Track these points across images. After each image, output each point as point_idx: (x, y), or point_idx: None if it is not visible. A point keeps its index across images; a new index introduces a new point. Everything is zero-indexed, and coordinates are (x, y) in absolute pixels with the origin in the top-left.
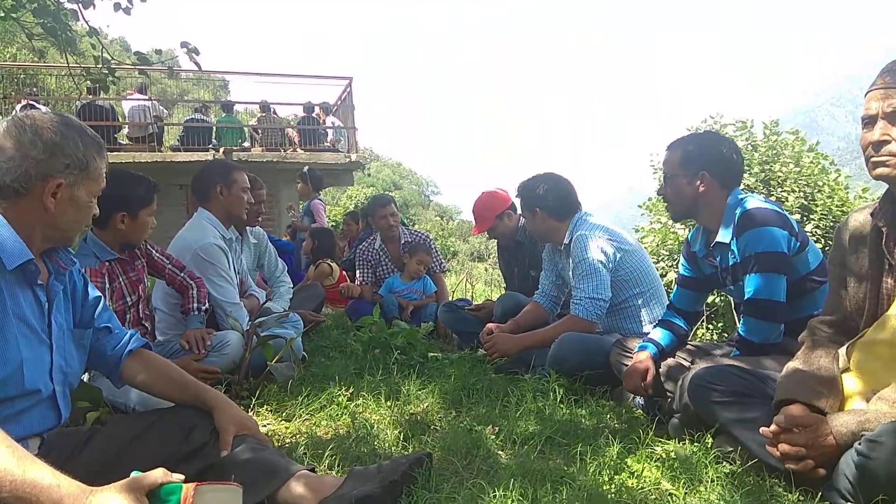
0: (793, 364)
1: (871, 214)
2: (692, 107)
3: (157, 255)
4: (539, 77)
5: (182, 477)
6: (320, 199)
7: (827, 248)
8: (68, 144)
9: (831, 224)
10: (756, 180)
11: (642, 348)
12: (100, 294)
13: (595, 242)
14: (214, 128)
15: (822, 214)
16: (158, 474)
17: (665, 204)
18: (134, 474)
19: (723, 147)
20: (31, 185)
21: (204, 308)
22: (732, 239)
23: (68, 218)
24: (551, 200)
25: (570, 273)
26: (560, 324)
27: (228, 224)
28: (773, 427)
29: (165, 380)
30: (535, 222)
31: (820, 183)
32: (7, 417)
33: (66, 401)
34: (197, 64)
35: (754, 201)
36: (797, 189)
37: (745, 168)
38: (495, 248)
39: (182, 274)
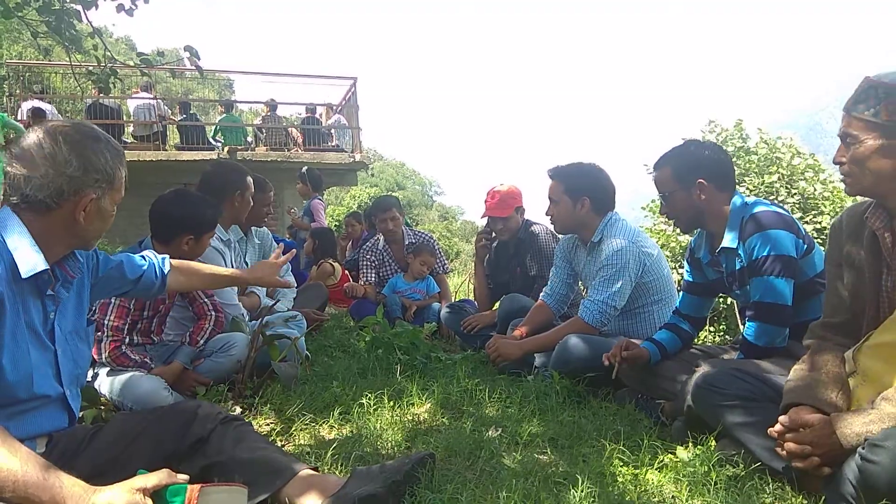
0: (799, 367)
1: (865, 217)
2: (692, 107)
3: None
4: (539, 75)
5: (187, 477)
6: (320, 199)
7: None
8: (99, 159)
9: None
10: (753, 185)
11: (643, 348)
12: (120, 258)
13: (628, 249)
14: (214, 126)
15: (814, 214)
16: (163, 475)
17: (671, 221)
18: (139, 473)
19: (707, 151)
20: (63, 200)
21: (201, 348)
22: (739, 243)
23: (94, 228)
24: (599, 192)
25: (591, 270)
26: (564, 327)
27: (229, 226)
28: (778, 427)
29: (199, 277)
30: (575, 211)
31: (815, 187)
32: (16, 415)
33: (77, 402)
34: (198, 67)
35: (760, 205)
36: (796, 192)
37: (742, 175)
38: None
39: (206, 299)
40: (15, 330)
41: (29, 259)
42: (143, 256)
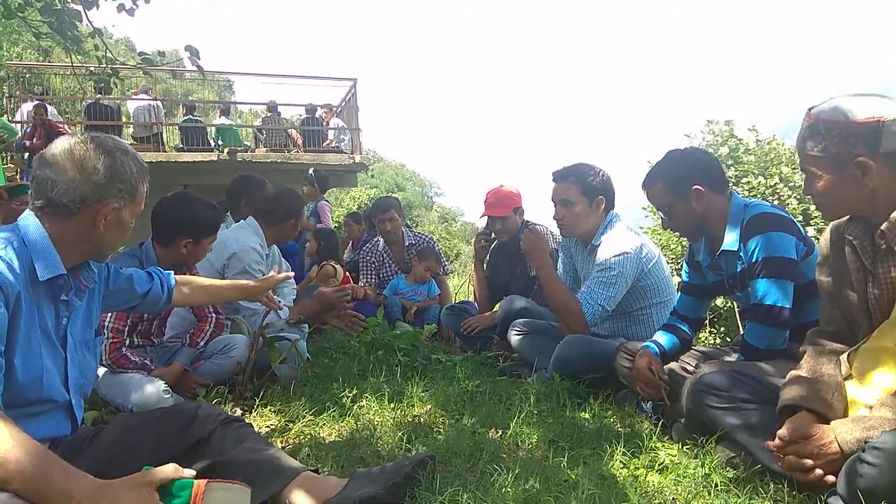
0: (796, 371)
1: (843, 230)
2: (691, 108)
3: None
4: (538, 77)
5: (193, 473)
6: (327, 201)
7: None
8: (125, 170)
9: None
10: (753, 185)
11: (645, 349)
12: (130, 271)
13: (627, 256)
14: (214, 128)
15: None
16: (169, 470)
17: (678, 234)
18: (145, 469)
19: (693, 156)
20: (86, 206)
21: (201, 350)
22: (740, 245)
23: (112, 237)
24: (611, 191)
25: (588, 272)
26: (568, 304)
27: (272, 243)
28: (777, 441)
29: (204, 291)
30: (591, 211)
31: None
32: (23, 418)
33: (80, 411)
34: (199, 67)
35: (761, 206)
36: (794, 194)
37: (742, 174)
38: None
39: None
40: (29, 331)
41: (47, 263)
42: (148, 272)
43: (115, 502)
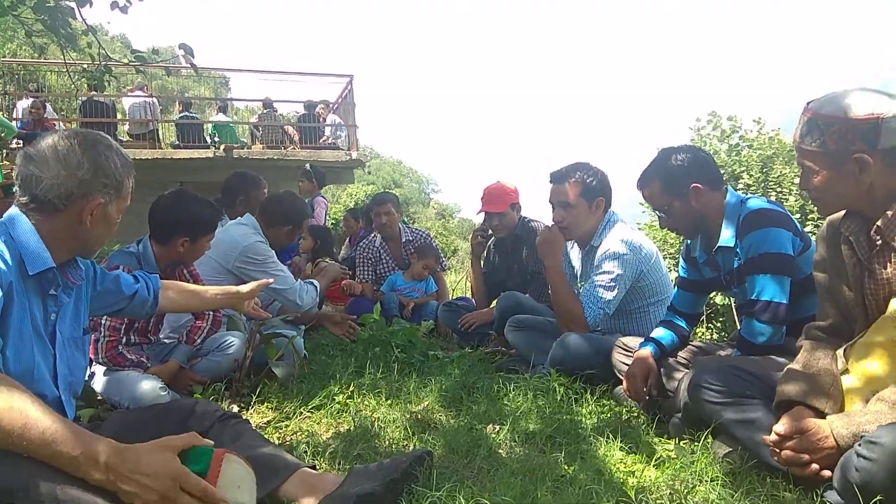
0: (793, 366)
1: (839, 224)
2: (683, 107)
3: (188, 275)
4: (535, 73)
5: (212, 442)
6: (323, 197)
7: None
8: (109, 165)
9: None
10: (755, 180)
11: (643, 346)
12: (116, 273)
13: (627, 258)
14: (210, 125)
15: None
16: (190, 437)
17: (674, 232)
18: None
19: (688, 154)
20: (71, 202)
21: (198, 347)
22: (737, 241)
23: (98, 233)
24: (609, 191)
25: (587, 272)
26: (571, 306)
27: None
28: (773, 436)
29: (191, 296)
30: (590, 213)
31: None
32: None
33: (72, 409)
34: (193, 66)
35: (757, 202)
36: (795, 189)
37: (744, 168)
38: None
39: None
40: (21, 324)
41: (36, 257)
42: (134, 275)
43: (138, 464)
